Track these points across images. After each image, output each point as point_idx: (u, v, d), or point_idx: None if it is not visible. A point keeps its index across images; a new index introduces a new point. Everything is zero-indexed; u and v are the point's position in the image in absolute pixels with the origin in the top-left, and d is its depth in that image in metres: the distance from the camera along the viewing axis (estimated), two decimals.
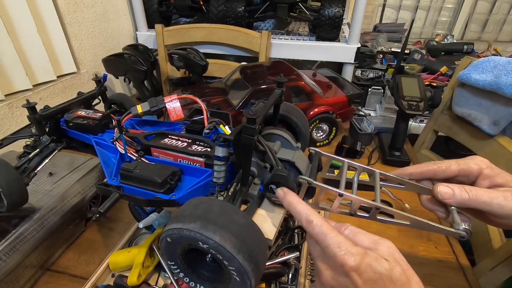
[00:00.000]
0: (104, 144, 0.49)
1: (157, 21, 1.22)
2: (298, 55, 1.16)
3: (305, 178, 0.37)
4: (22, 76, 0.81)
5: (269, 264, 0.49)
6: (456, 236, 0.35)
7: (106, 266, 0.50)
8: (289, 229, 0.56)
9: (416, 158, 0.92)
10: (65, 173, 0.63)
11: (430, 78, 1.12)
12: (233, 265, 0.29)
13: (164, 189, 0.40)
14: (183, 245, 0.31)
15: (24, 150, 0.52)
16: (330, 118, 0.90)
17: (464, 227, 0.34)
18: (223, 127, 0.46)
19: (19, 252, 0.48)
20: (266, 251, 0.32)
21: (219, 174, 0.38)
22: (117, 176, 0.43)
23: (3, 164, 0.44)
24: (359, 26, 1.07)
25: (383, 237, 0.32)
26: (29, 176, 0.48)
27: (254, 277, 0.29)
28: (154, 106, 0.48)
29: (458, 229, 0.34)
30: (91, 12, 1.04)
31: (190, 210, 0.31)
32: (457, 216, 0.36)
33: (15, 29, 0.80)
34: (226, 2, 1.14)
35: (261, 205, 0.41)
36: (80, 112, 0.55)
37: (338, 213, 0.39)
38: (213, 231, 0.28)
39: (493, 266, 0.65)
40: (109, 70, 1.08)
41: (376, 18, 1.81)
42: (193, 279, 0.35)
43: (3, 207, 0.44)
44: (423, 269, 0.56)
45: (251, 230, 0.31)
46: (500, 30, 1.74)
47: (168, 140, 0.46)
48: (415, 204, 0.71)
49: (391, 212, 0.37)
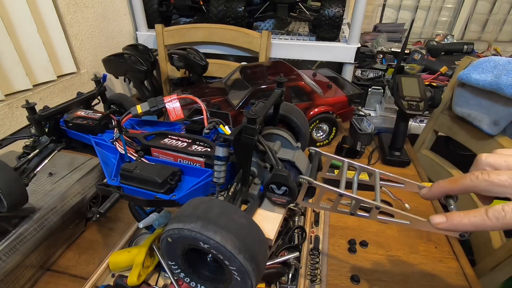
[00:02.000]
0: (104, 144, 0.49)
1: (157, 21, 1.22)
2: (298, 55, 1.16)
3: (305, 178, 0.37)
4: (22, 76, 0.81)
5: (269, 264, 0.49)
6: (456, 235, 0.34)
7: (106, 266, 0.50)
8: (289, 229, 0.56)
9: (416, 158, 0.92)
10: (65, 173, 0.63)
11: (430, 78, 1.12)
12: (234, 265, 0.29)
13: (164, 189, 0.40)
14: (184, 245, 0.31)
15: (24, 150, 0.51)
16: (330, 118, 0.90)
17: None
18: (223, 127, 0.46)
19: (19, 252, 0.48)
20: (266, 250, 0.32)
21: (219, 174, 0.38)
22: (117, 176, 0.43)
23: (2, 165, 0.44)
24: (359, 26, 1.07)
25: (383, 237, 0.32)
26: (29, 176, 0.48)
27: (255, 276, 0.29)
28: (154, 106, 0.48)
29: None
30: (91, 12, 1.04)
31: (191, 210, 0.31)
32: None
33: (15, 29, 0.80)
34: (226, 2, 1.14)
35: (262, 205, 0.41)
36: (79, 113, 0.54)
37: (338, 213, 0.39)
38: (214, 231, 0.28)
39: (493, 266, 0.65)
40: (109, 70, 1.08)
41: (376, 18, 1.81)
42: (193, 279, 0.35)
43: (3, 207, 0.44)
44: (423, 269, 0.56)
45: (252, 230, 0.31)
46: (500, 30, 1.74)
47: (168, 140, 0.47)
48: (415, 204, 0.71)
49: (391, 212, 0.37)
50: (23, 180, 0.47)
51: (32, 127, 0.53)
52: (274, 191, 0.38)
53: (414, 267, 0.56)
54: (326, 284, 0.52)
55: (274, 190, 0.38)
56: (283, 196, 0.38)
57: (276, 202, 0.39)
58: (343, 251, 0.59)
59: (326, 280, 0.53)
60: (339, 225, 0.65)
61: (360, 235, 0.62)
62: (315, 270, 0.53)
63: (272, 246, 0.53)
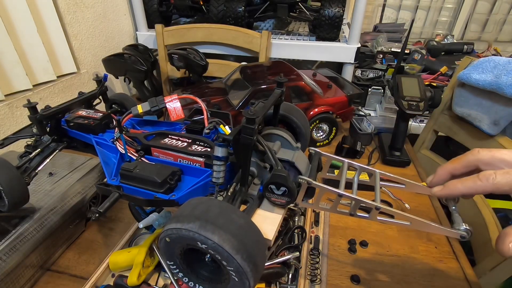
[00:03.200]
0: (105, 144, 0.49)
1: (157, 21, 1.22)
2: (298, 55, 1.16)
3: (305, 178, 0.37)
4: (22, 76, 0.81)
5: (269, 264, 0.49)
6: (457, 236, 0.34)
7: (106, 266, 0.50)
8: (289, 229, 0.56)
9: (416, 158, 0.92)
10: (65, 173, 0.63)
11: (430, 78, 1.12)
12: (232, 265, 0.29)
13: (163, 189, 0.40)
14: (182, 245, 0.31)
15: (25, 149, 0.52)
16: (330, 118, 0.90)
17: (465, 227, 0.34)
18: (223, 127, 0.46)
19: (19, 252, 0.48)
20: (265, 251, 0.32)
21: (219, 174, 0.38)
22: (117, 176, 0.43)
23: (4, 163, 0.44)
24: (359, 26, 1.07)
25: (383, 237, 0.32)
26: (30, 175, 0.48)
27: (252, 277, 0.29)
28: (155, 106, 0.48)
29: (458, 229, 0.34)
30: (91, 12, 1.04)
31: (189, 210, 0.31)
32: (458, 216, 0.36)
33: (15, 29, 0.80)
34: (226, 2, 1.14)
35: (261, 205, 0.41)
36: (81, 112, 0.55)
37: (337, 213, 0.39)
38: (212, 231, 0.28)
39: (493, 266, 0.65)
40: (109, 70, 1.08)
41: (376, 18, 1.81)
42: (192, 279, 0.35)
43: (4, 206, 0.44)
44: (423, 269, 0.56)
45: (250, 230, 0.31)
46: (500, 30, 1.74)
47: (168, 140, 0.47)
48: (415, 204, 0.71)
49: (391, 212, 0.37)
50: (25, 179, 0.47)
51: (34, 126, 0.53)
52: (273, 191, 0.38)
53: (414, 267, 0.56)
54: (326, 284, 0.52)
55: (274, 191, 0.38)
56: (283, 196, 0.38)
57: (276, 203, 0.39)
58: (343, 251, 0.59)
59: (326, 280, 0.53)
60: (339, 225, 0.65)
61: (360, 235, 0.62)
62: (315, 270, 0.53)
63: (272, 246, 0.53)
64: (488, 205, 0.74)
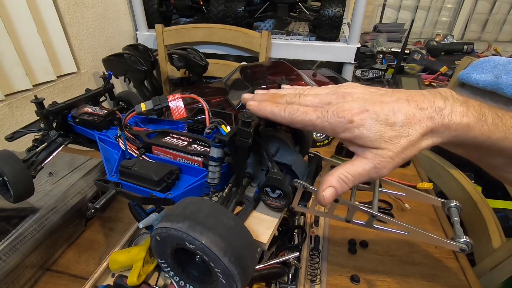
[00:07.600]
0: (108, 140, 0.49)
1: (157, 21, 1.22)
2: (298, 55, 1.16)
3: (300, 182, 0.36)
4: (22, 76, 0.81)
5: (269, 264, 0.49)
6: (456, 248, 0.34)
7: (106, 266, 0.50)
8: (289, 229, 0.56)
9: (416, 158, 0.92)
10: (65, 173, 0.63)
11: (430, 78, 1.12)
12: (219, 267, 0.28)
13: (160, 187, 0.40)
14: (172, 244, 0.31)
15: (33, 143, 0.53)
16: None
17: (465, 239, 0.33)
18: (224, 127, 0.46)
19: (19, 252, 0.48)
20: (255, 254, 0.31)
21: (214, 175, 0.37)
22: (117, 172, 0.43)
23: (11, 156, 0.45)
24: (359, 26, 1.07)
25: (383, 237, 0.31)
26: (36, 169, 0.49)
27: (240, 280, 0.29)
28: (158, 104, 0.48)
29: (459, 241, 0.33)
30: (91, 12, 1.04)
31: (180, 209, 0.30)
32: (459, 228, 0.35)
33: (15, 29, 0.80)
34: (226, 2, 1.14)
35: (259, 208, 0.40)
36: (86, 109, 0.55)
37: (334, 219, 0.38)
38: (200, 232, 0.28)
39: (493, 266, 0.65)
40: (109, 70, 1.08)
41: (376, 18, 1.81)
42: (183, 278, 0.34)
43: (10, 197, 0.46)
44: (423, 269, 0.56)
45: (240, 233, 0.30)
46: (500, 30, 1.74)
47: (169, 139, 0.46)
48: (415, 204, 0.71)
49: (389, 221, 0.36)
50: (31, 172, 0.48)
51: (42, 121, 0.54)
52: (268, 194, 0.37)
53: (414, 267, 0.56)
54: (326, 284, 0.52)
55: (269, 193, 0.37)
56: (278, 199, 0.37)
57: (271, 206, 0.38)
58: (343, 251, 0.59)
59: (326, 280, 0.53)
60: (339, 225, 0.65)
61: (360, 235, 0.62)
62: (315, 270, 0.53)
63: (269, 250, 0.52)
64: (488, 205, 0.74)
